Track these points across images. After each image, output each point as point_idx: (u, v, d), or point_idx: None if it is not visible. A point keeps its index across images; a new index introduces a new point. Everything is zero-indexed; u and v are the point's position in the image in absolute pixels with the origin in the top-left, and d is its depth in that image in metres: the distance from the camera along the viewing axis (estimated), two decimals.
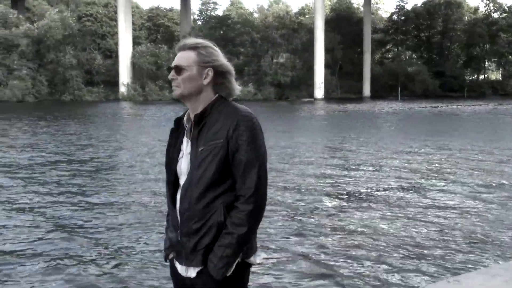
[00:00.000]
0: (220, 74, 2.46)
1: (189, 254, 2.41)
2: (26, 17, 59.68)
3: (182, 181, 2.45)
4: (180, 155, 2.49)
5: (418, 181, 11.61)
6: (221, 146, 2.35)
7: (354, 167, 13.55)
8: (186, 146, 2.48)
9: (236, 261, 2.36)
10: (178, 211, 2.45)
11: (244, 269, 2.44)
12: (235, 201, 2.36)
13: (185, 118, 2.53)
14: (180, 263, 2.47)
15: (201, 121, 2.43)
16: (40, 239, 7.23)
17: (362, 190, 10.61)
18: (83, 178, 11.89)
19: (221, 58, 2.48)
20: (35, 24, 53.12)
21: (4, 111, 34.92)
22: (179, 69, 2.46)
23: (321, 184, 11.20)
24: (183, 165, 2.46)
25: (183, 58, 2.46)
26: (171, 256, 2.54)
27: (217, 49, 2.50)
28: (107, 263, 6.36)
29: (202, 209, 2.36)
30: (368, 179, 11.82)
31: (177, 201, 2.47)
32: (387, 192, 10.48)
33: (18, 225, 7.90)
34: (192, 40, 2.50)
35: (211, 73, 2.44)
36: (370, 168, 13.37)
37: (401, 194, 10.24)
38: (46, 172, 12.48)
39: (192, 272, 2.43)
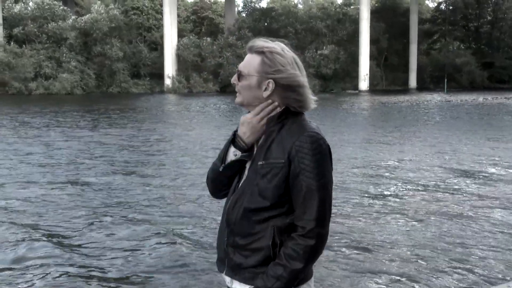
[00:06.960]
0: (284, 87, 2.14)
1: (234, 266, 2.21)
2: (74, 11, 60.91)
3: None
4: None
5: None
6: (282, 167, 2.08)
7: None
8: None
9: None
10: (226, 219, 2.24)
11: None
12: (292, 229, 2.10)
13: None
14: (221, 271, 2.29)
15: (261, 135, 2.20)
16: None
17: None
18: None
19: (289, 68, 2.13)
20: (82, 17, 54.08)
21: (65, 103, 35.76)
22: (240, 75, 2.19)
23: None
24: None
25: (246, 63, 2.18)
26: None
27: (288, 55, 2.15)
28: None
29: (250, 227, 2.15)
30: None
31: (226, 208, 2.26)
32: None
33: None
34: (260, 43, 2.18)
35: (271, 86, 2.13)
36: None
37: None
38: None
39: (237, 286, 2.23)
